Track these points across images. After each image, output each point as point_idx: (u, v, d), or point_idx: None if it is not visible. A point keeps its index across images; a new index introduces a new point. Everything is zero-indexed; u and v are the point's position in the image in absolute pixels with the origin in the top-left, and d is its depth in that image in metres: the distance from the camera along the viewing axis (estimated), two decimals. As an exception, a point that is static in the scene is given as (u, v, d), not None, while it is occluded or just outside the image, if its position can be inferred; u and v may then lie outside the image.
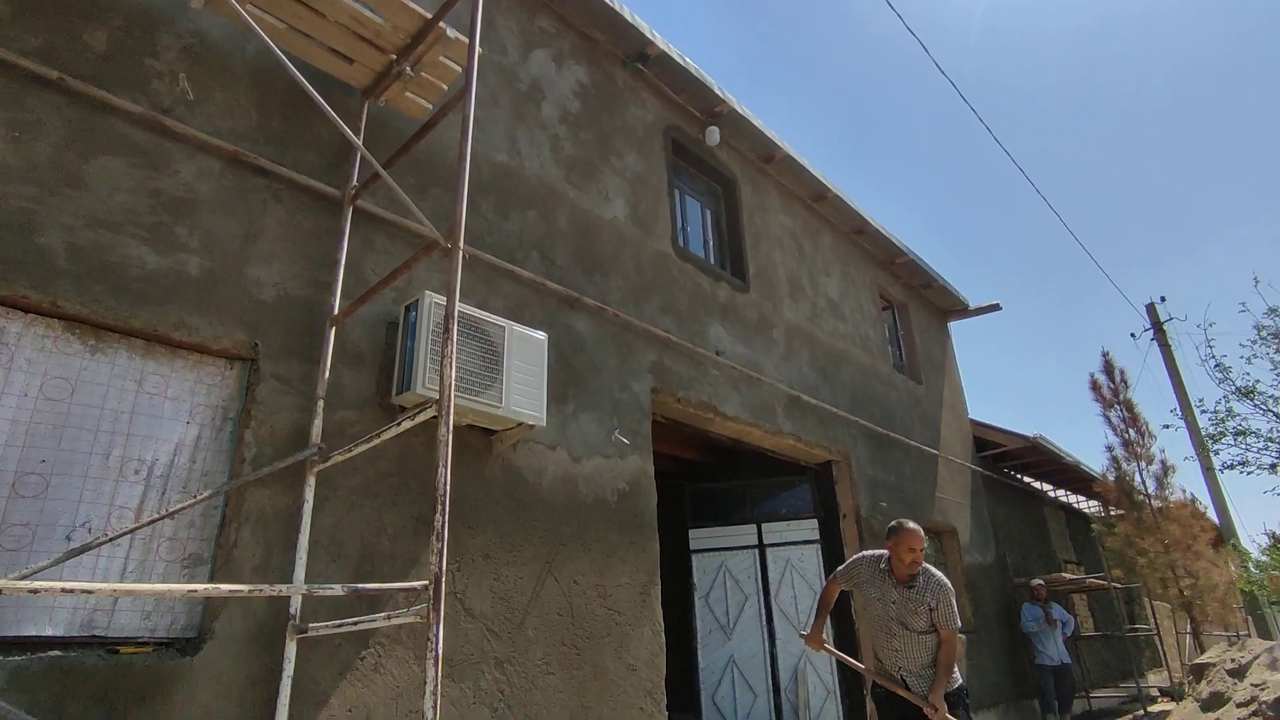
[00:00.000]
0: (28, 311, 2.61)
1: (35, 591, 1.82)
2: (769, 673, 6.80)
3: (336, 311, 3.33)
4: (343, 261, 3.45)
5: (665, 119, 6.27)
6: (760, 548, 7.23)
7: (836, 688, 6.65)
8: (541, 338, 3.88)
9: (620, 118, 5.76)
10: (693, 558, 7.36)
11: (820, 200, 8.17)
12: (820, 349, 7.39)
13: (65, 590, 1.86)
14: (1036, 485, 13.14)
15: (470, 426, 3.75)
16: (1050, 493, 13.69)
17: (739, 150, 7.22)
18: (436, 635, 2.23)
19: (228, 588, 2.20)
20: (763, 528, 7.30)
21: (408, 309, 3.47)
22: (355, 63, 3.54)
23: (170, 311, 2.88)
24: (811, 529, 7.19)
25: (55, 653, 2.37)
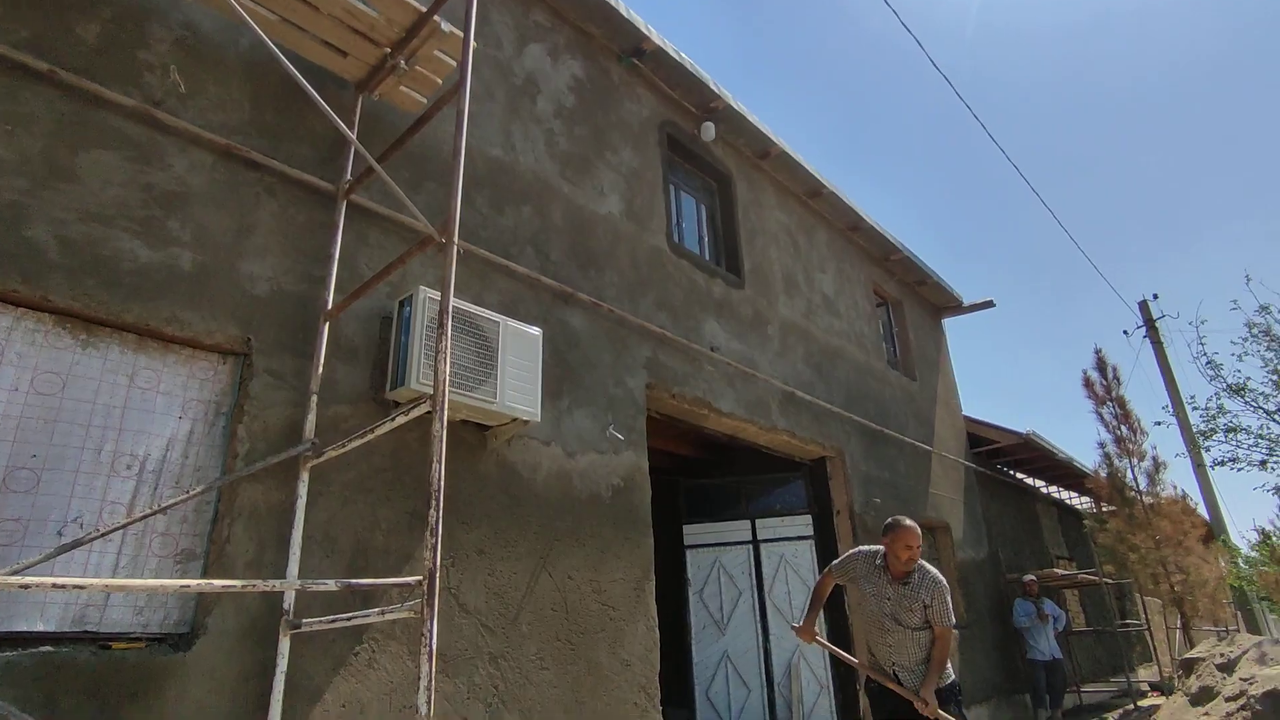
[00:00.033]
0: (18, 305, 2.59)
1: (26, 587, 1.82)
2: (763, 668, 6.83)
3: (330, 306, 3.32)
4: (336, 256, 3.43)
5: (660, 114, 6.26)
6: (754, 543, 7.26)
7: (830, 683, 6.68)
8: (536, 333, 3.87)
9: (615, 113, 5.74)
10: (687, 553, 7.38)
11: (815, 196, 8.18)
12: (815, 345, 7.40)
13: (57, 585, 1.86)
14: (1029, 481, 13.20)
15: (464, 422, 3.75)
16: (1043, 489, 13.75)
17: (734, 146, 7.22)
18: (431, 630, 2.23)
19: (221, 583, 2.19)
20: (757, 523, 7.32)
21: (402, 304, 3.46)
22: (349, 56, 3.52)
23: (163, 306, 2.87)
24: (806, 525, 7.22)
25: (47, 648, 2.36)
